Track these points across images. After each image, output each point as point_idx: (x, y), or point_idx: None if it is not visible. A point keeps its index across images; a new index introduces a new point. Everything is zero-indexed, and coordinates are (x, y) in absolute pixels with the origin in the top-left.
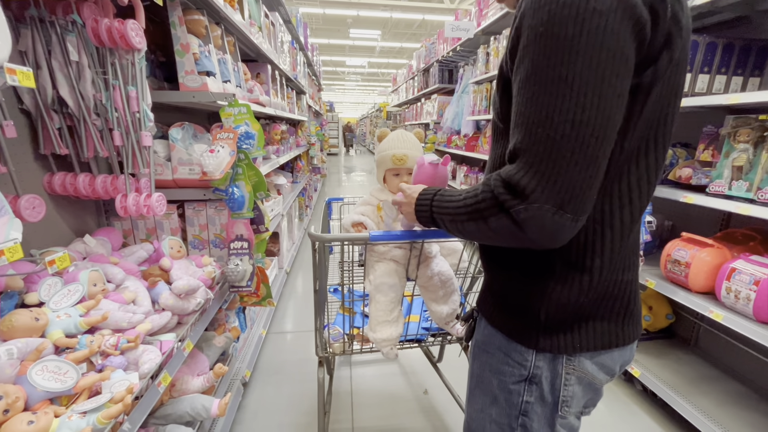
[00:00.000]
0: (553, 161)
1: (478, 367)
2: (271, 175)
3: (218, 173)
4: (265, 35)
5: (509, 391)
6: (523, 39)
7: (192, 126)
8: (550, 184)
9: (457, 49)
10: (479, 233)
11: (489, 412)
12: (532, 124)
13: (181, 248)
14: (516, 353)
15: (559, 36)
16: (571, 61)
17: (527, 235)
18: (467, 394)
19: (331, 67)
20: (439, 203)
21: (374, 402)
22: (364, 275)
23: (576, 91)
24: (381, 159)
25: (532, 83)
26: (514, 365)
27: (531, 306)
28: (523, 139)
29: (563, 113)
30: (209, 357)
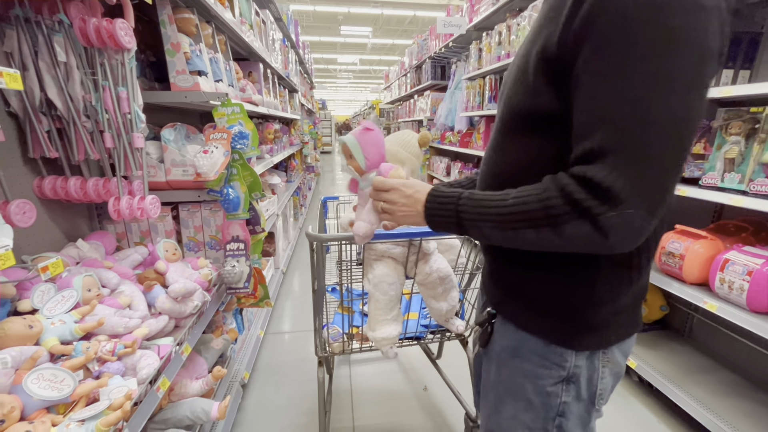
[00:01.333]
0: (650, 163)
1: (507, 373)
2: (265, 175)
3: (212, 174)
4: (257, 33)
5: (547, 394)
6: (602, 23)
7: (184, 126)
8: (647, 188)
9: (449, 45)
10: (539, 241)
11: (522, 418)
12: (625, 121)
13: (177, 251)
14: (554, 355)
15: (664, 27)
16: (675, 54)
17: (609, 242)
18: (491, 403)
19: (322, 65)
20: (473, 207)
21: (374, 400)
22: (363, 274)
23: (681, 88)
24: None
25: (625, 76)
26: (552, 367)
27: (575, 308)
28: (612, 138)
29: (665, 111)
30: (207, 360)
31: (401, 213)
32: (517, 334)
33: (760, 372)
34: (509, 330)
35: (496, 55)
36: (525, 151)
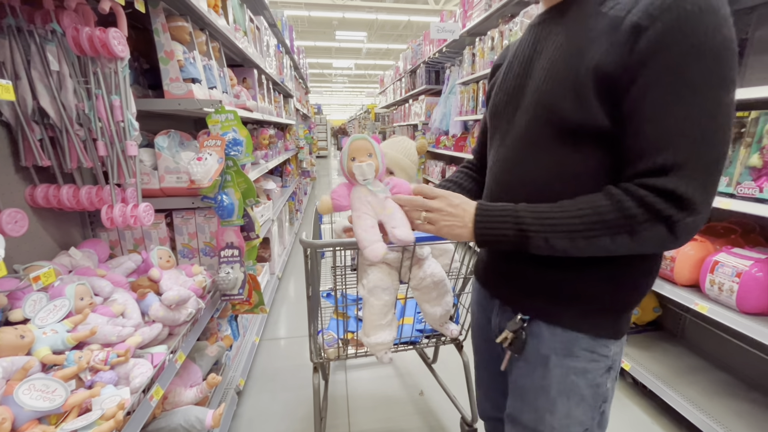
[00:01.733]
0: (713, 175)
1: (559, 374)
2: (260, 180)
3: (206, 181)
4: (251, 39)
5: (597, 386)
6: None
7: (178, 133)
8: (710, 196)
9: (443, 50)
10: (611, 246)
11: (575, 414)
12: (695, 140)
13: (171, 258)
14: (602, 348)
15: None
16: (724, 86)
17: (678, 242)
18: (542, 407)
19: (317, 70)
20: (538, 219)
21: (370, 405)
22: (357, 280)
23: (727, 114)
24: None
25: (694, 101)
26: (600, 360)
27: (617, 302)
28: (686, 154)
29: (719, 133)
30: (202, 367)
31: (446, 223)
32: (566, 334)
33: (751, 372)
34: (555, 332)
35: (489, 60)
36: (564, 162)
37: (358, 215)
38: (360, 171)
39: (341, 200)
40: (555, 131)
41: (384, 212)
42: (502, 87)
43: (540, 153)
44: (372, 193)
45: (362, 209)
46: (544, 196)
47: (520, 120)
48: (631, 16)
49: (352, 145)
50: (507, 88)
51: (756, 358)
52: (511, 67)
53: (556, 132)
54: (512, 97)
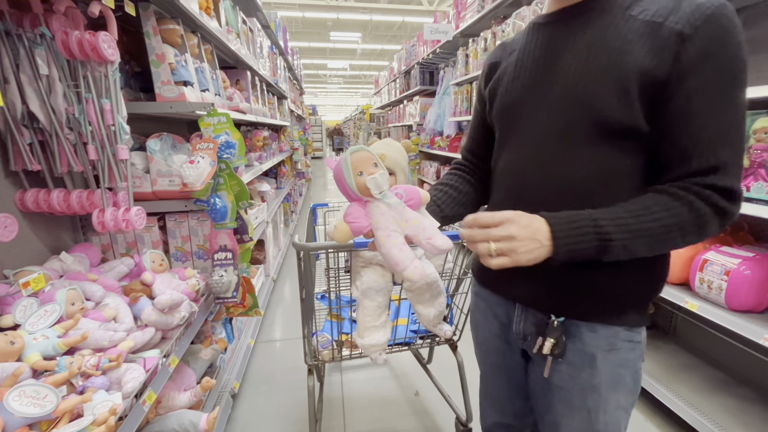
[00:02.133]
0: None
1: (606, 370)
2: (254, 182)
3: (199, 184)
4: (243, 41)
5: (636, 371)
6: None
7: (170, 136)
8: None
9: (437, 51)
10: (682, 244)
11: (623, 403)
12: (736, 141)
13: (163, 261)
14: (636, 335)
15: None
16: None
17: (722, 230)
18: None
19: (312, 71)
20: (620, 226)
21: (366, 406)
22: (351, 281)
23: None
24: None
25: (734, 106)
26: (636, 347)
27: (652, 292)
28: (731, 155)
29: (743, 132)
30: (196, 370)
31: (525, 250)
32: (608, 330)
33: (741, 368)
34: (596, 330)
35: (482, 61)
36: (604, 160)
37: (387, 234)
38: (375, 184)
39: (361, 221)
40: (594, 129)
41: (408, 224)
42: (514, 85)
43: (577, 151)
44: (390, 205)
45: (389, 226)
46: (582, 196)
47: (545, 118)
48: (673, 24)
49: (353, 158)
50: (522, 86)
51: (746, 354)
52: (521, 65)
53: (595, 130)
54: (531, 94)
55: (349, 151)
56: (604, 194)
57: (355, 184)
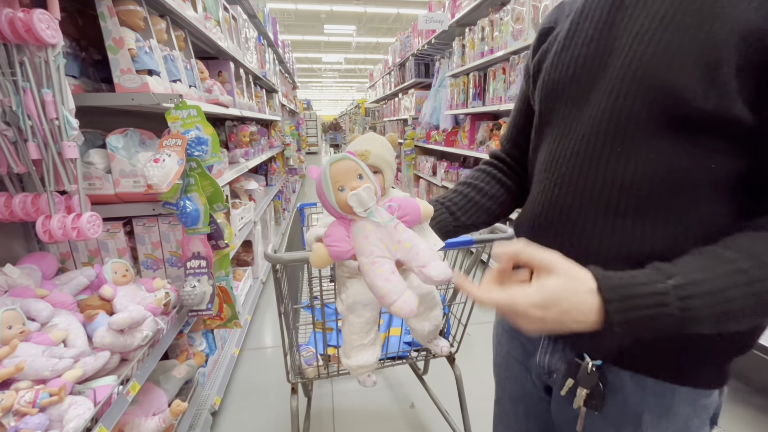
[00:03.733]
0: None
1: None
2: (240, 180)
3: (165, 185)
4: (226, 30)
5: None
6: None
7: (137, 132)
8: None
9: (432, 41)
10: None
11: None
12: None
13: (128, 272)
14: (704, 398)
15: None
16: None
17: None
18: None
19: (306, 64)
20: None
21: (358, 420)
22: (335, 293)
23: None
24: None
25: None
26: (701, 412)
27: (737, 345)
28: None
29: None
30: (168, 391)
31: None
32: (660, 387)
33: (757, 376)
34: (644, 384)
35: (479, 51)
36: (676, 162)
37: (371, 261)
38: (358, 201)
39: (341, 245)
40: (663, 119)
41: (400, 247)
42: (564, 57)
43: (638, 146)
44: (378, 225)
45: (374, 252)
46: (638, 212)
47: (599, 101)
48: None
49: (332, 170)
50: (574, 59)
51: (762, 362)
52: (577, 30)
53: (666, 120)
54: (583, 70)
55: (328, 161)
56: (670, 212)
57: (336, 201)
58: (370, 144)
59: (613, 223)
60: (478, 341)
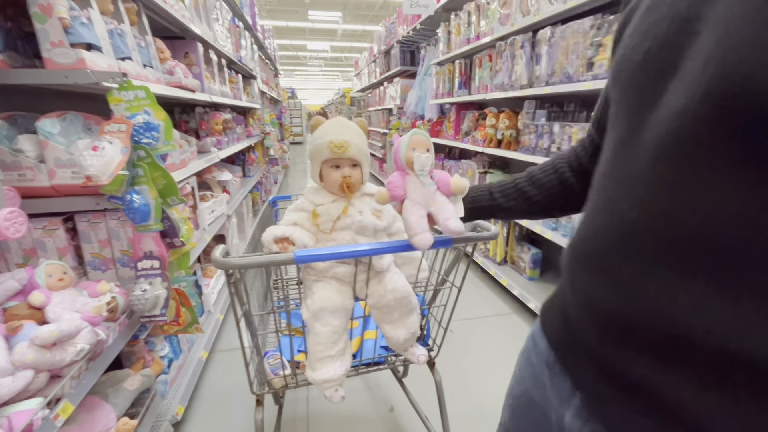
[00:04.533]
0: None
1: None
2: (212, 171)
3: (105, 177)
4: (192, 7)
5: None
6: None
7: (80, 116)
8: None
9: (417, 27)
10: None
11: None
12: None
13: (66, 274)
14: None
15: None
16: None
17: None
18: None
19: (291, 52)
20: None
21: (334, 426)
22: (301, 298)
23: None
24: (315, 149)
25: None
26: None
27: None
28: None
29: None
30: (117, 405)
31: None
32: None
33: None
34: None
35: (465, 38)
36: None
37: (412, 204)
38: (420, 162)
39: (398, 190)
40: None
41: (434, 205)
42: (637, 34)
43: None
44: (424, 185)
45: (417, 198)
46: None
47: (675, 98)
48: None
49: (413, 138)
50: (646, 39)
51: None
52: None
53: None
54: (659, 53)
55: (413, 131)
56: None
57: (406, 156)
58: (348, 134)
59: (675, 283)
60: (460, 338)
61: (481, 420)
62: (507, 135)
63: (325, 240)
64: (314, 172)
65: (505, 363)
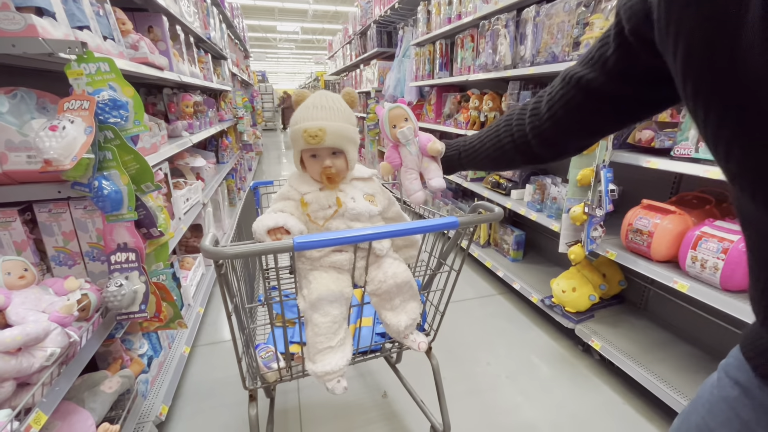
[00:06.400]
0: None
1: None
2: (185, 156)
3: (68, 161)
4: None
5: None
6: None
7: (33, 93)
8: None
9: (395, 7)
10: None
11: None
12: None
13: (27, 271)
14: None
15: None
16: None
17: None
18: None
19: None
20: None
21: (327, 415)
22: (296, 288)
23: None
24: (293, 135)
25: None
26: None
27: None
28: None
29: None
30: (95, 410)
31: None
32: None
33: (716, 342)
34: None
35: (446, 17)
36: None
37: (406, 169)
38: (402, 135)
39: (395, 160)
40: None
41: (422, 165)
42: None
43: None
44: (411, 153)
45: (409, 164)
46: None
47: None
48: None
49: (390, 114)
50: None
51: (720, 328)
52: None
53: None
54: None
55: (388, 107)
56: None
57: (390, 134)
58: (326, 117)
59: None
60: (447, 321)
61: (474, 402)
62: (491, 117)
63: (317, 230)
64: (295, 158)
65: (493, 343)
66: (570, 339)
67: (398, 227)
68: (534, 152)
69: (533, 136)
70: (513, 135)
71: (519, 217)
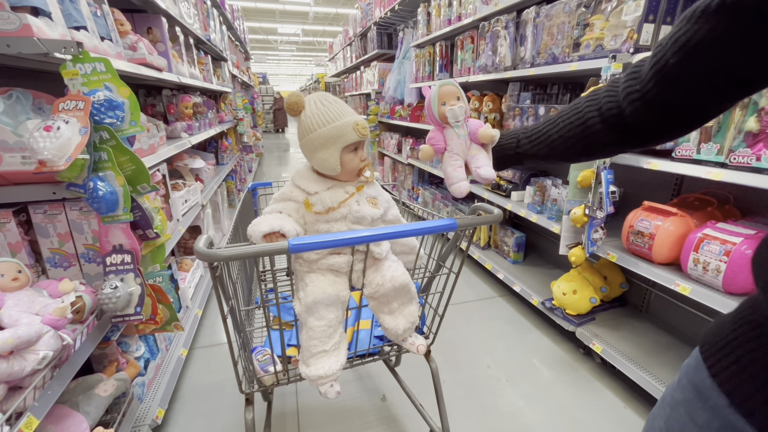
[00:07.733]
0: None
1: None
2: (184, 158)
3: (62, 161)
4: None
5: None
6: None
7: (29, 94)
8: None
9: (395, 8)
10: None
11: None
12: None
13: (21, 273)
14: None
15: None
16: None
17: None
18: None
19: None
20: None
21: (325, 420)
22: (292, 291)
23: None
24: (333, 132)
25: None
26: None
27: None
28: None
29: None
30: (90, 414)
31: None
32: None
33: None
34: None
35: (446, 18)
36: None
37: (450, 155)
38: (452, 114)
39: (439, 143)
40: None
41: (469, 153)
42: None
43: None
44: (459, 136)
45: (454, 149)
46: None
47: None
48: None
49: (441, 90)
50: None
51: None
52: None
53: None
54: None
55: (439, 83)
56: None
57: (438, 112)
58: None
59: None
60: (447, 324)
61: (474, 405)
62: (491, 118)
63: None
64: (334, 158)
65: (493, 346)
66: (571, 342)
67: (396, 229)
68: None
69: (629, 102)
70: (600, 108)
71: (519, 218)
